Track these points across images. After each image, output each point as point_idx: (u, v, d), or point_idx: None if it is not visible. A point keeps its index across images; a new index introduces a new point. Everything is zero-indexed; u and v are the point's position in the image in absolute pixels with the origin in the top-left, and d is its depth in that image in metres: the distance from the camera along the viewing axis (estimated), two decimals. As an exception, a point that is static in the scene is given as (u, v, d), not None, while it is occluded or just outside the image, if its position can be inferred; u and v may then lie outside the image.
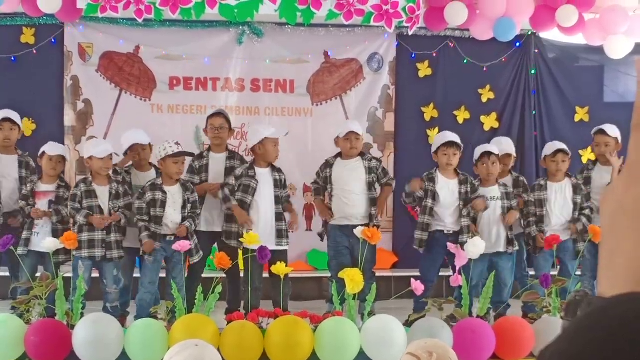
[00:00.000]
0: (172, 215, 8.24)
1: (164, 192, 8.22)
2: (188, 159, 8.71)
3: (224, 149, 8.89)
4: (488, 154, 8.73)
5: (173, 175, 8.26)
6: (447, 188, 8.67)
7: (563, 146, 8.85)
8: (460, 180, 8.71)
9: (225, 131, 8.91)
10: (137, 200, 8.25)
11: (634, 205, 0.84)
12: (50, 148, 8.54)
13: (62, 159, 8.55)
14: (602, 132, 9.19)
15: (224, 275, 8.36)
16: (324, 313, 7.55)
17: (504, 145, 9.30)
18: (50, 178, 8.49)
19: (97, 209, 8.21)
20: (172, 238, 8.18)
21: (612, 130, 9.18)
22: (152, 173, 8.76)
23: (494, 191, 8.72)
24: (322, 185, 8.93)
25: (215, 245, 8.88)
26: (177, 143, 8.30)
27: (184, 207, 8.29)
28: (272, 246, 8.27)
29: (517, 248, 8.79)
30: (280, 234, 8.59)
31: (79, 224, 8.15)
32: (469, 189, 8.67)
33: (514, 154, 9.44)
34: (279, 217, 8.61)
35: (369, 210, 8.72)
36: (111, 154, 8.34)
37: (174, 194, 8.28)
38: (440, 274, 8.91)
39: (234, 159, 8.88)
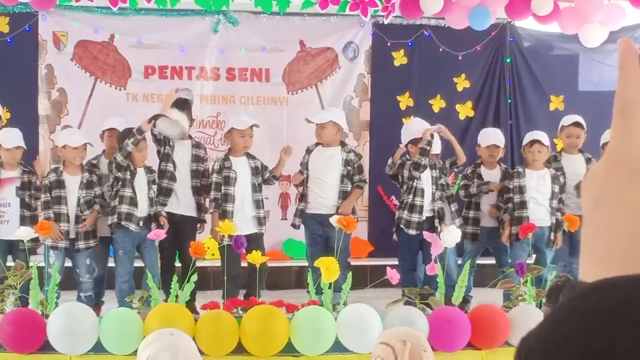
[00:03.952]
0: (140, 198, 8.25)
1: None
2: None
3: (187, 137, 8.79)
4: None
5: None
6: (426, 176, 8.71)
7: (539, 137, 8.83)
8: (430, 165, 8.74)
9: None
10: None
11: (615, 191, 0.83)
12: (6, 141, 8.36)
13: (20, 147, 8.44)
14: (577, 124, 9.20)
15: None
16: (301, 302, 7.54)
17: (491, 137, 9.27)
18: (12, 165, 8.41)
19: (64, 200, 8.18)
20: (141, 223, 8.18)
21: (583, 123, 9.21)
22: None
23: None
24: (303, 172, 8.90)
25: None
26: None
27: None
28: (252, 230, 8.45)
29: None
30: (260, 222, 8.60)
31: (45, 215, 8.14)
32: (438, 173, 8.74)
33: (502, 145, 9.36)
34: (257, 204, 8.60)
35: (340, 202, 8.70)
36: (85, 144, 8.30)
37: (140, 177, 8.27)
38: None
39: (199, 147, 8.82)
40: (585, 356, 0.69)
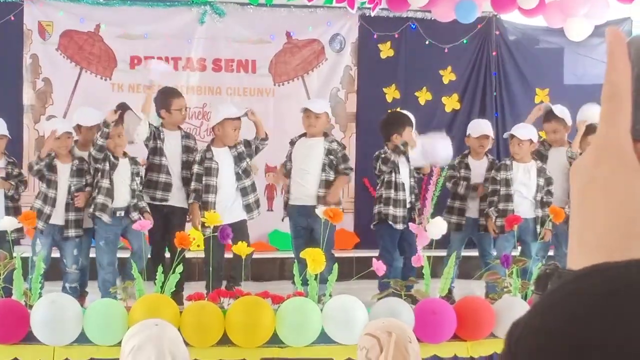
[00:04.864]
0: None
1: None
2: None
3: (177, 127, 8.77)
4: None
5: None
6: (405, 170, 8.74)
7: (516, 131, 8.82)
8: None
9: (185, 113, 8.78)
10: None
11: (605, 179, 0.83)
12: None
13: (4, 136, 8.41)
14: (549, 120, 9.24)
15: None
16: (287, 294, 7.52)
17: (483, 127, 9.28)
18: None
19: (54, 184, 8.15)
20: (122, 214, 8.16)
21: (560, 114, 9.21)
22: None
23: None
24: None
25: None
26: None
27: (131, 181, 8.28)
28: (239, 216, 8.44)
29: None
30: (250, 208, 8.57)
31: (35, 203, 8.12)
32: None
33: (492, 136, 9.37)
34: (245, 191, 8.57)
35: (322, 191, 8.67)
36: (69, 133, 8.26)
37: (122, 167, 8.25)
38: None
39: (189, 138, 8.79)
40: (582, 345, 0.69)
